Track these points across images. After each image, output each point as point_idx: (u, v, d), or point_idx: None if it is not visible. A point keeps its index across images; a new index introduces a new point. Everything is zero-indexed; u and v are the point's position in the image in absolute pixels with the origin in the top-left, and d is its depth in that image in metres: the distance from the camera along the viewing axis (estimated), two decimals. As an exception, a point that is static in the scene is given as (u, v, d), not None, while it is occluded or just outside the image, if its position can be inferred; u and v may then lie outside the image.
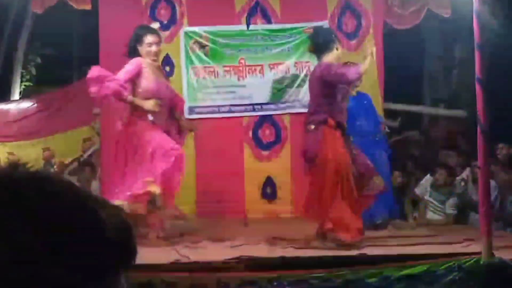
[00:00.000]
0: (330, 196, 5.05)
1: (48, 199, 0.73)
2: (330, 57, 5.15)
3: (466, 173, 7.09)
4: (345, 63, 5.73)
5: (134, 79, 5.23)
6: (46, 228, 0.71)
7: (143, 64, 5.27)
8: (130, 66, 5.23)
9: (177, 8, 6.98)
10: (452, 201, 6.67)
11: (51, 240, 0.70)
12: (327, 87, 5.10)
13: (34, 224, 0.71)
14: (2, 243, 0.69)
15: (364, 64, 5.13)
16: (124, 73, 5.17)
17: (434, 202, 6.75)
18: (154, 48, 5.28)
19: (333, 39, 5.20)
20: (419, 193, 6.97)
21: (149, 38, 5.28)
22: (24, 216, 0.71)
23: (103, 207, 0.78)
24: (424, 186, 7.00)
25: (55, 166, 8.30)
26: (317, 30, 5.54)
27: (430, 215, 6.78)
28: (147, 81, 5.25)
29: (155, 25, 5.59)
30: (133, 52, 5.31)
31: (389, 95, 7.37)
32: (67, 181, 0.78)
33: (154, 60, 5.33)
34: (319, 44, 5.22)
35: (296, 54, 7.01)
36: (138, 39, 5.30)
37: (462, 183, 6.95)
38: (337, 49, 5.17)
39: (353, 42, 7.01)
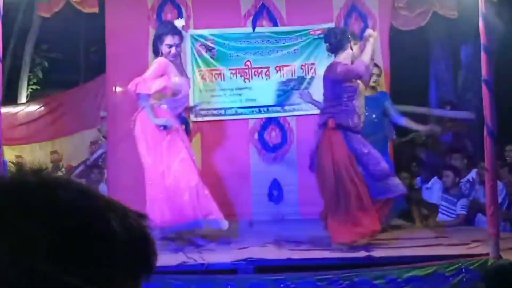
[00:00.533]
0: (332, 199, 5.04)
1: (58, 206, 0.74)
2: (343, 56, 5.16)
3: (472, 175, 7.07)
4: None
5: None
6: (51, 234, 0.71)
7: (166, 64, 5.21)
8: (155, 66, 5.18)
9: (183, 11, 6.99)
10: (462, 202, 6.66)
11: (55, 246, 0.71)
12: (335, 86, 5.14)
13: (40, 230, 0.71)
14: (5, 246, 0.70)
15: (366, 53, 5.13)
16: (151, 73, 5.14)
17: (446, 204, 6.72)
18: (172, 50, 5.21)
19: (347, 39, 5.19)
20: (430, 197, 6.95)
21: (168, 39, 5.21)
22: (31, 222, 0.72)
23: (122, 215, 0.78)
24: (434, 190, 6.98)
25: (63, 169, 8.33)
26: (330, 30, 5.56)
27: (441, 216, 6.76)
28: (173, 80, 5.24)
29: (180, 23, 5.44)
30: (156, 50, 5.29)
31: (395, 96, 7.36)
32: (81, 187, 0.79)
33: (173, 61, 5.29)
34: (332, 43, 5.25)
35: (302, 56, 7.01)
36: (159, 38, 5.26)
37: (468, 185, 6.93)
38: (351, 48, 5.17)
39: (359, 44, 7.00)
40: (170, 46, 5.18)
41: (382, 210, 5.21)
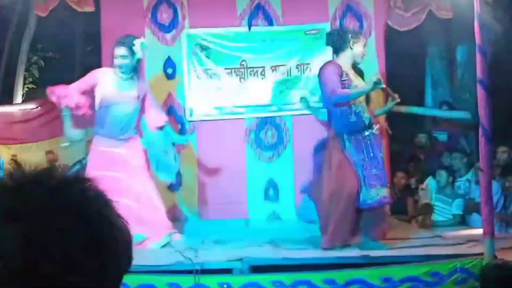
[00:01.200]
0: (331, 209, 5.05)
1: (66, 208, 0.75)
2: (343, 56, 5.13)
3: (469, 175, 7.07)
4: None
5: (90, 90, 5.36)
6: (57, 235, 0.72)
7: (104, 75, 5.37)
8: (83, 80, 5.46)
9: (179, 10, 6.99)
10: (457, 202, 6.66)
11: (60, 246, 0.71)
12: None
13: (46, 232, 0.72)
14: (13, 247, 0.71)
15: (353, 89, 5.04)
16: (76, 86, 5.39)
17: (441, 205, 6.73)
18: (118, 61, 5.35)
19: (346, 39, 5.16)
20: (424, 198, 6.95)
21: (116, 50, 5.37)
22: (38, 223, 0.72)
23: (118, 215, 0.80)
24: (428, 190, 6.98)
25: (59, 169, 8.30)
26: (328, 34, 5.58)
27: (436, 217, 6.76)
28: (103, 92, 5.32)
29: (140, 40, 5.48)
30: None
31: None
32: (89, 188, 0.80)
33: (121, 73, 5.37)
34: (332, 45, 5.27)
35: (297, 56, 7.01)
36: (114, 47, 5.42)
37: (467, 184, 6.93)
38: (351, 47, 5.13)
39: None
40: (116, 56, 5.32)
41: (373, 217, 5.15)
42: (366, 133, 5.14)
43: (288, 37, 7.01)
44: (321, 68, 5.26)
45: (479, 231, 4.86)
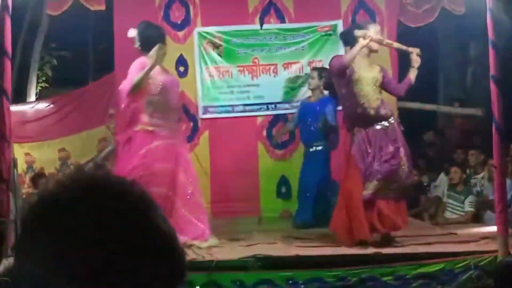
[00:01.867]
0: (343, 203, 5.05)
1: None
2: (354, 49, 5.06)
3: (484, 172, 7.03)
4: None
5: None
6: (103, 253, 0.72)
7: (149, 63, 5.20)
8: (137, 65, 5.15)
9: (191, 8, 7.02)
10: (470, 199, 6.63)
11: (105, 267, 0.72)
12: (335, 80, 5.17)
13: (93, 250, 0.72)
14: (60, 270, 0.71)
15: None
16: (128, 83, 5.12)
17: (453, 202, 6.70)
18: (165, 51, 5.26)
19: (352, 34, 5.09)
20: (438, 194, 6.93)
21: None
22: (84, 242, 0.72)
23: (170, 232, 0.81)
24: (441, 187, 6.95)
25: (71, 167, 8.37)
26: (343, 31, 5.60)
27: (448, 214, 6.74)
28: (156, 80, 5.16)
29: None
30: (148, 48, 5.20)
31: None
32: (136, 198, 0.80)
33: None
34: (347, 45, 5.26)
35: (309, 53, 7.02)
36: (160, 38, 5.21)
37: (483, 181, 6.90)
38: (362, 39, 5.04)
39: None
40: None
41: (397, 210, 5.10)
42: (377, 126, 5.09)
43: (300, 34, 7.01)
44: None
45: (493, 228, 4.84)
